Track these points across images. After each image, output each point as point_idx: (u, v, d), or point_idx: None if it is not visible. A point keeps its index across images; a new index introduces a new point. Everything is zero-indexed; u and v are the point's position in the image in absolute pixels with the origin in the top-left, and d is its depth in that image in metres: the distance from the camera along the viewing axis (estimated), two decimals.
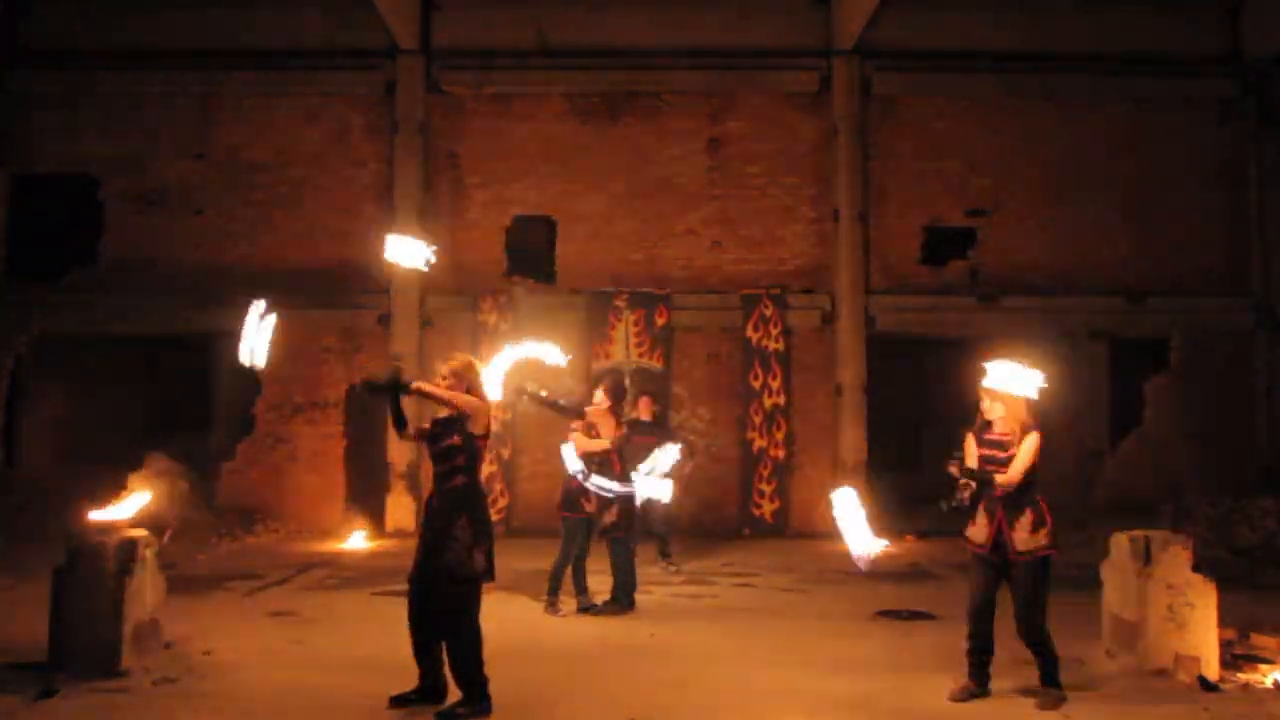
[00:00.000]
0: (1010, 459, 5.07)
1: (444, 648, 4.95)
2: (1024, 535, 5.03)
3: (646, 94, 12.79)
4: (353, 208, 12.68)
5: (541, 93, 12.81)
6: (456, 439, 5.01)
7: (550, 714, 4.99)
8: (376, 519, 12.03)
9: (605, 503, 7.35)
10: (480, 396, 5.14)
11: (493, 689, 4.90)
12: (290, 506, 12.17)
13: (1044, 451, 5.13)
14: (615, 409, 7.55)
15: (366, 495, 12.26)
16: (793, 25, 12.83)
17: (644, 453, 9.30)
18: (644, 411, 9.51)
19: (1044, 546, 5.04)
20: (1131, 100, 12.95)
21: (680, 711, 5.07)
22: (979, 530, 5.15)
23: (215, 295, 12.36)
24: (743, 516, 12.22)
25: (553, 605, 7.40)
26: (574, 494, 7.31)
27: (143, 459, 11.75)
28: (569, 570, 7.47)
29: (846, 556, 7.77)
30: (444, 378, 5.12)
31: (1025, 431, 5.08)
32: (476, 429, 5.03)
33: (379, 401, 5.30)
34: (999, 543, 5.06)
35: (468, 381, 5.12)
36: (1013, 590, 5.10)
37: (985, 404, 5.21)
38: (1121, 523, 9.70)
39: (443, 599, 4.91)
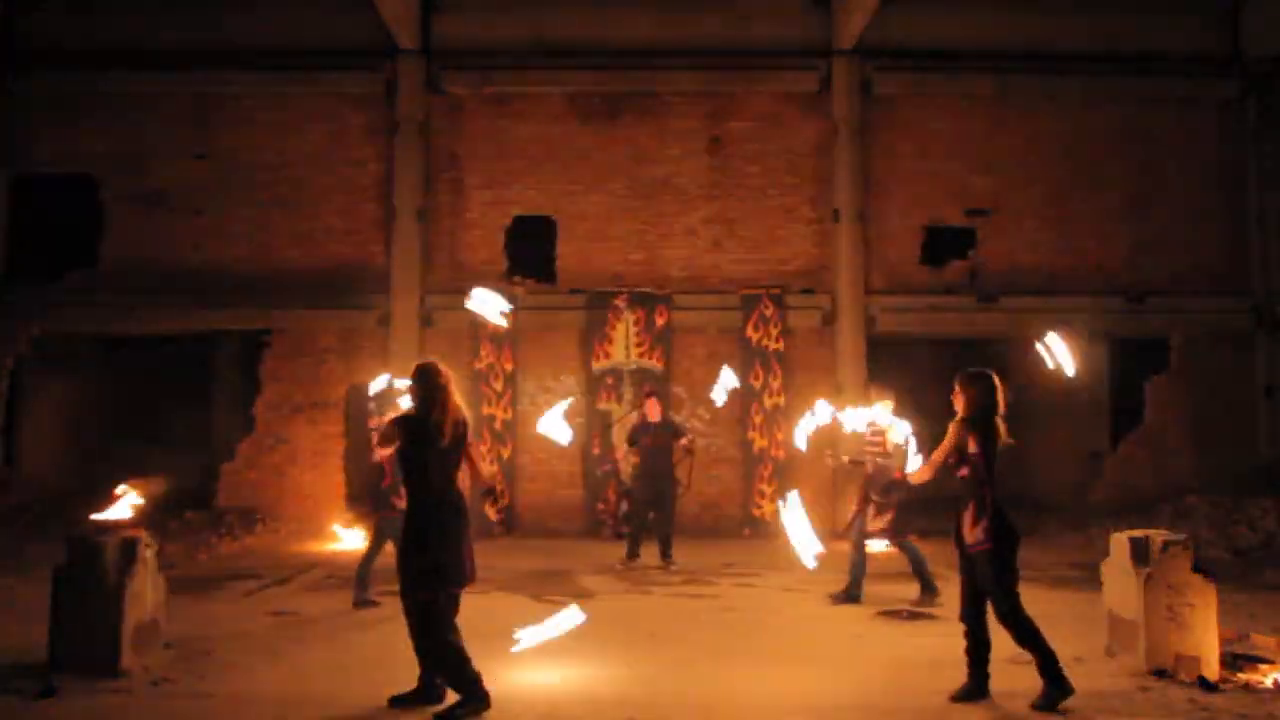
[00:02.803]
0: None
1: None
2: (968, 528, 5.15)
3: (646, 94, 12.79)
4: (353, 208, 12.68)
5: (541, 93, 12.81)
6: (405, 452, 4.96)
7: (549, 714, 4.98)
8: None
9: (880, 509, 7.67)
10: (440, 405, 4.91)
11: (492, 689, 4.89)
12: (290, 507, 12.17)
13: (983, 447, 5.19)
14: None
15: (367, 495, 12.24)
16: (793, 25, 12.83)
17: (650, 455, 9.34)
18: (651, 413, 9.51)
19: (981, 541, 5.08)
20: (1131, 100, 12.95)
21: (680, 711, 5.07)
22: (954, 524, 5.31)
23: (215, 295, 12.40)
24: (743, 516, 12.21)
25: (366, 602, 7.49)
26: (384, 492, 7.47)
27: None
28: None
29: (847, 556, 7.82)
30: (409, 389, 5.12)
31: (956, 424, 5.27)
32: (379, 450, 4.99)
33: None
34: (958, 535, 5.25)
35: (422, 391, 4.96)
36: (983, 586, 5.17)
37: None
38: (1121, 523, 9.78)
39: (413, 608, 4.91)
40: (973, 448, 5.13)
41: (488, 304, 6.38)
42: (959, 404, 5.29)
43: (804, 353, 12.53)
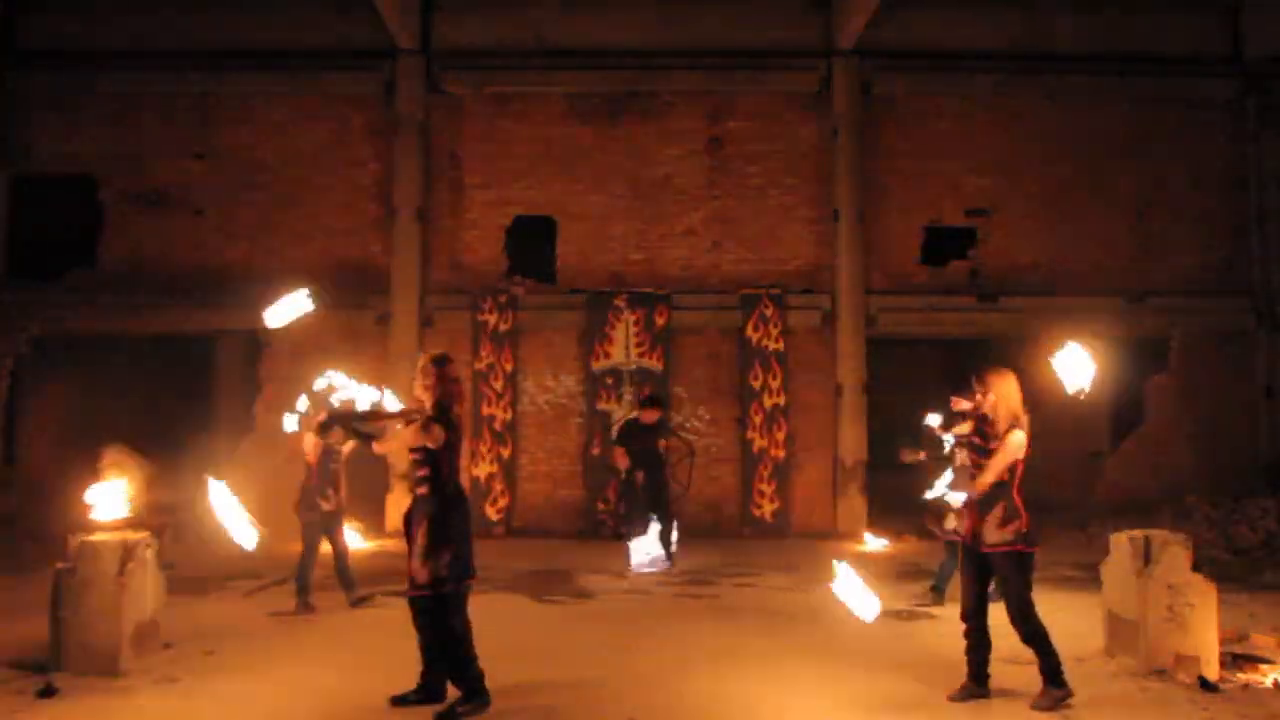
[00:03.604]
0: (991, 451, 5.13)
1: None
2: (993, 529, 5.08)
3: (646, 94, 12.78)
4: (353, 208, 12.68)
5: (541, 93, 12.81)
6: (418, 451, 4.97)
7: (550, 714, 4.99)
8: (376, 519, 12.03)
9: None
10: (449, 400, 4.99)
11: (493, 689, 4.90)
12: (290, 507, 12.13)
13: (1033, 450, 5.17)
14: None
15: (366, 495, 12.24)
16: (793, 25, 12.83)
17: (640, 459, 9.32)
18: (645, 418, 9.48)
19: (1009, 541, 5.04)
20: (1132, 100, 12.95)
21: (680, 711, 5.07)
22: (963, 522, 5.29)
23: (215, 295, 12.40)
24: (743, 517, 12.21)
25: (306, 605, 7.38)
26: (310, 491, 7.49)
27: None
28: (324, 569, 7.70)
29: (847, 556, 7.81)
30: (422, 382, 5.06)
31: (1009, 428, 5.11)
32: (429, 442, 4.90)
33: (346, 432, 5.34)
34: (974, 535, 5.16)
35: (437, 383, 5.00)
36: (996, 585, 5.15)
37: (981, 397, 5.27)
38: (1121, 523, 9.78)
39: (416, 604, 4.94)
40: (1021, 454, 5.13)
41: (285, 310, 6.04)
42: (999, 408, 5.14)
43: (804, 353, 12.53)
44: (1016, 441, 5.07)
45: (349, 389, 6.73)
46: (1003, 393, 5.16)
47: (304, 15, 12.71)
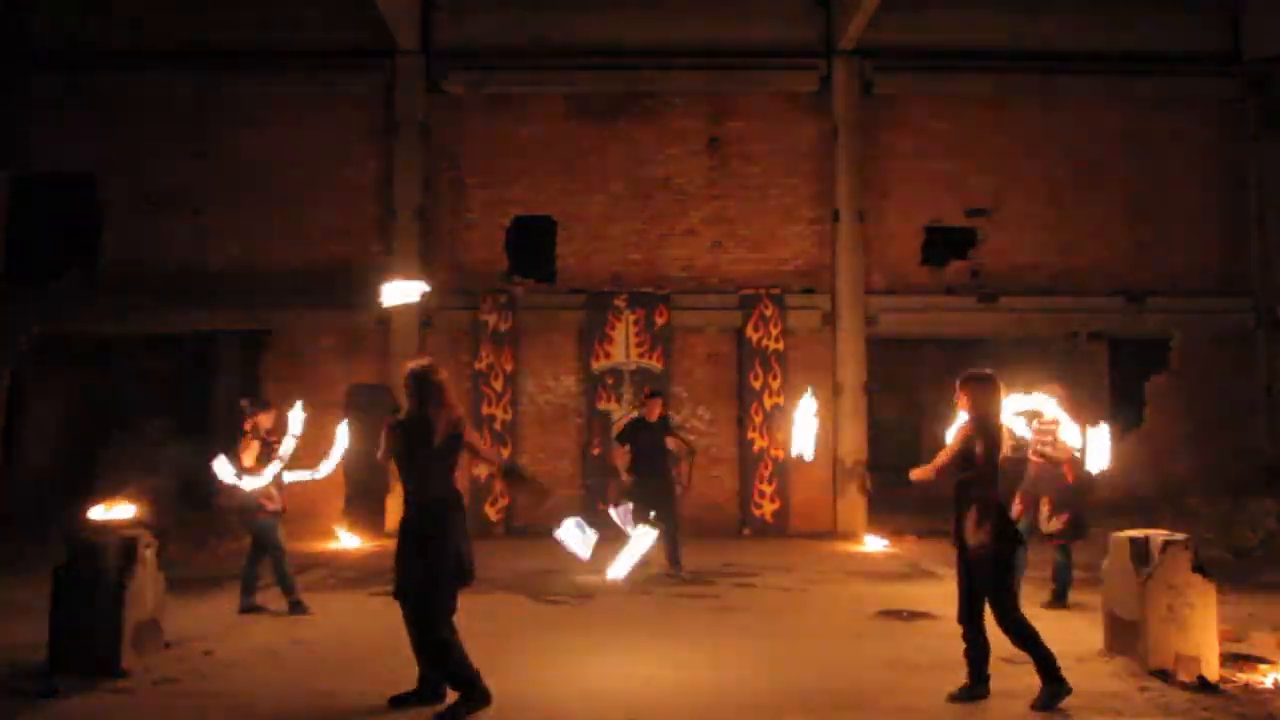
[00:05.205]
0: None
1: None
2: (971, 531, 5.08)
3: (646, 94, 12.79)
4: (353, 208, 12.68)
5: (541, 93, 12.82)
6: (401, 454, 4.98)
7: (549, 714, 4.98)
8: (376, 519, 12.03)
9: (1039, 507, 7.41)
10: (446, 403, 5.01)
11: (493, 690, 4.89)
12: (290, 506, 12.08)
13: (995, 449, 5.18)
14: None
15: (366, 495, 12.25)
16: (793, 25, 12.84)
17: (645, 456, 9.23)
18: (651, 413, 9.35)
19: (985, 544, 5.02)
20: (1131, 100, 12.96)
21: (680, 711, 5.06)
22: (952, 526, 5.26)
23: (215, 295, 12.40)
24: (743, 516, 12.22)
25: (299, 606, 7.31)
26: (254, 494, 7.49)
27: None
28: (267, 568, 7.56)
29: (847, 556, 7.77)
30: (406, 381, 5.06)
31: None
32: (437, 441, 4.94)
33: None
34: (958, 537, 5.18)
35: (416, 392, 4.98)
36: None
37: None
38: (1121, 523, 9.77)
39: (411, 608, 4.92)
40: (979, 450, 5.11)
41: (401, 291, 6.46)
42: (963, 406, 5.26)
43: (804, 353, 12.53)
44: (957, 435, 5.17)
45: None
46: (972, 395, 5.22)
47: (304, 15, 12.71)
